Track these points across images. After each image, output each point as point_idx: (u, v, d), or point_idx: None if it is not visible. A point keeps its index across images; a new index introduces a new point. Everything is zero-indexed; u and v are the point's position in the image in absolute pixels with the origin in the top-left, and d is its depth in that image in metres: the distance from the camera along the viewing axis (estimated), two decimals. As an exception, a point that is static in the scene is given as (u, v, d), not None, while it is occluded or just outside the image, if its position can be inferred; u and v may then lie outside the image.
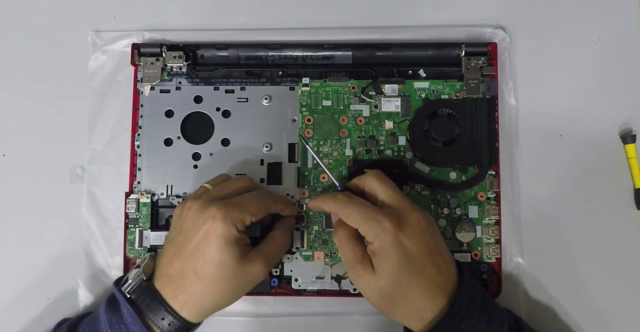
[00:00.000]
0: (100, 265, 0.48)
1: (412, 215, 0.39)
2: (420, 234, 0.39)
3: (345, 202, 0.40)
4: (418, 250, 0.38)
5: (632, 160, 0.48)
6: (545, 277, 0.47)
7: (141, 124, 0.49)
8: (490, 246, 0.46)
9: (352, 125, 0.48)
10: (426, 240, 0.39)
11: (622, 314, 0.47)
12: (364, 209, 0.39)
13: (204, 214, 0.39)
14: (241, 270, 0.40)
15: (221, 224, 0.39)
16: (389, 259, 0.38)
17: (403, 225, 0.39)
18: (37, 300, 0.48)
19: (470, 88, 0.48)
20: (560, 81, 0.49)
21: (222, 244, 0.39)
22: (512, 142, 0.48)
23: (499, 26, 0.50)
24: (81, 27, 0.51)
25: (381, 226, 0.38)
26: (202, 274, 0.39)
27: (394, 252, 0.38)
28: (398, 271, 0.38)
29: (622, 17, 0.50)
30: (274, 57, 0.50)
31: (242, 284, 0.40)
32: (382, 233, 0.38)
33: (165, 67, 0.49)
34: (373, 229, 0.39)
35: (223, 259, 0.39)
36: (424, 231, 0.39)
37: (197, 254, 0.39)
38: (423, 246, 0.39)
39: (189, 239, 0.39)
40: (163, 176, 0.48)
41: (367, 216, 0.39)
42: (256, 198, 0.42)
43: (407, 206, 0.40)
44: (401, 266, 0.38)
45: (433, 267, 0.39)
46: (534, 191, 0.48)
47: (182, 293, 0.39)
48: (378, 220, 0.38)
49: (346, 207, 0.40)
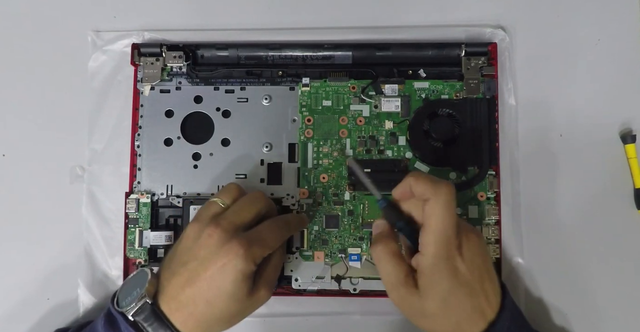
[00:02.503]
0: (100, 265, 0.48)
1: (472, 237, 0.38)
2: (477, 262, 0.38)
3: (446, 201, 0.37)
4: (471, 275, 0.37)
5: (632, 160, 0.48)
6: (545, 277, 0.47)
7: (141, 124, 0.49)
8: (490, 246, 0.46)
9: (352, 125, 0.48)
10: (479, 265, 0.38)
11: (622, 314, 0.47)
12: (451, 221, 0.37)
13: (226, 248, 0.38)
14: (250, 300, 0.40)
15: (242, 261, 0.38)
16: (441, 282, 0.37)
17: (462, 250, 0.37)
18: (37, 300, 0.48)
19: (470, 88, 0.48)
20: (560, 81, 0.49)
21: (239, 278, 0.38)
22: (512, 142, 0.48)
23: (499, 26, 0.50)
24: (81, 27, 0.51)
25: (446, 247, 0.37)
26: (214, 304, 0.38)
27: (447, 276, 0.37)
28: (448, 294, 0.37)
29: (622, 18, 0.50)
30: (274, 57, 0.50)
31: (248, 311, 0.41)
32: (442, 253, 0.37)
33: (165, 67, 0.49)
34: (438, 245, 0.37)
35: (236, 292, 0.38)
36: (479, 255, 0.38)
37: (212, 285, 0.38)
38: (476, 271, 0.37)
39: (206, 268, 0.38)
40: (163, 176, 0.48)
41: (447, 232, 0.37)
42: (275, 230, 0.41)
43: (467, 227, 0.39)
44: (452, 290, 0.37)
45: (482, 293, 0.38)
46: (534, 190, 0.48)
47: (192, 320, 0.38)
48: (449, 240, 0.37)
49: (442, 207, 0.37)
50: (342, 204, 0.47)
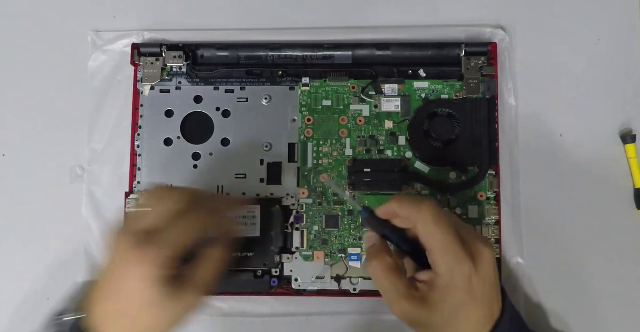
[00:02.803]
0: (100, 265, 0.48)
1: (485, 251, 0.37)
2: (489, 275, 0.37)
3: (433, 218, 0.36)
4: (483, 291, 0.37)
5: (632, 160, 0.48)
6: (545, 277, 0.47)
7: (141, 124, 0.49)
8: (490, 246, 0.46)
9: (352, 125, 0.48)
10: (491, 279, 0.37)
11: (623, 314, 0.47)
12: (447, 237, 0.36)
13: (124, 256, 0.36)
14: (172, 305, 0.36)
15: (140, 268, 0.35)
16: (454, 299, 0.36)
17: (477, 266, 0.36)
18: (37, 300, 0.48)
19: (470, 88, 0.48)
20: (560, 81, 0.49)
21: (145, 285, 0.35)
22: (512, 142, 0.48)
23: (499, 26, 0.50)
24: (81, 27, 0.51)
25: (459, 266, 0.36)
26: (133, 314, 0.36)
27: (461, 293, 0.36)
28: (459, 309, 0.36)
29: (622, 17, 0.50)
30: (274, 57, 0.50)
31: (176, 315, 0.37)
32: (457, 273, 0.36)
33: (165, 67, 0.49)
34: (450, 265, 0.36)
35: (150, 299, 0.36)
36: (492, 270, 0.37)
37: (123, 296, 0.36)
38: (488, 286, 0.37)
39: (110, 280, 0.37)
40: (163, 176, 0.48)
41: (450, 249, 0.36)
42: (182, 226, 0.37)
43: (476, 237, 0.38)
44: (463, 305, 0.36)
45: (487, 304, 0.37)
46: (534, 191, 0.48)
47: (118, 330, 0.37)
48: (458, 257, 0.36)
49: (433, 225, 0.36)
50: (342, 204, 0.47)
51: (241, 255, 0.46)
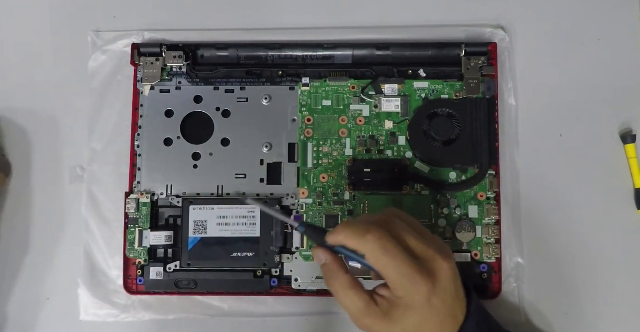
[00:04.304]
0: (100, 265, 0.48)
1: (443, 266, 0.37)
2: (449, 289, 0.37)
3: (380, 252, 0.36)
4: (443, 305, 0.37)
5: (632, 160, 0.48)
6: (545, 277, 0.47)
7: (141, 124, 0.49)
8: (490, 246, 0.46)
9: (352, 125, 0.48)
10: (452, 292, 0.37)
11: (623, 315, 0.47)
12: (399, 263, 0.36)
13: None
14: None
15: None
16: (414, 317, 0.36)
17: (435, 283, 0.36)
18: (37, 300, 0.48)
19: (470, 88, 0.48)
20: (560, 81, 0.49)
21: None
22: (512, 142, 0.48)
23: (499, 26, 0.50)
24: (81, 27, 0.51)
25: (416, 288, 0.36)
26: None
27: (421, 311, 0.36)
28: (418, 324, 0.37)
29: (622, 17, 0.50)
30: (274, 57, 0.50)
31: None
32: (415, 294, 0.36)
33: (165, 67, 0.49)
34: (406, 288, 0.36)
35: None
36: (452, 282, 0.37)
37: None
38: (449, 300, 0.37)
39: None
40: (163, 176, 0.48)
41: (402, 273, 0.36)
42: None
43: (434, 253, 0.37)
44: (423, 321, 0.36)
45: (449, 316, 0.37)
46: (534, 191, 0.48)
47: None
48: (414, 280, 0.36)
49: (381, 256, 0.36)
50: (342, 204, 0.47)
51: (241, 255, 0.46)
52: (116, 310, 0.47)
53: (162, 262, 0.47)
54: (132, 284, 0.47)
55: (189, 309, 0.47)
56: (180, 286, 0.47)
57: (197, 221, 0.47)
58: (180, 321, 0.47)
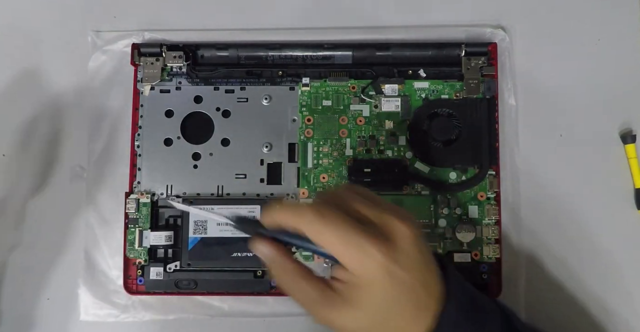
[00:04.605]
0: (100, 265, 0.48)
1: (401, 228, 0.32)
2: (412, 255, 0.32)
3: (317, 220, 0.31)
4: (409, 275, 0.31)
5: (632, 160, 0.48)
6: (545, 278, 0.47)
7: (141, 124, 0.49)
8: (490, 246, 0.46)
9: (352, 125, 0.48)
10: (418, 259, 0.32)
11: (623, 315, 0.47)
12: (343, 232, 0.31)
13: None
14: None
15: None
16: (376, 294, 0.31)
17: (393, 249, 0.31)
18: (37, 300, 0.48)
19: (470, 88, 0.48)
20: (560, 81, 0.49)
21: None
22: (512, 142, 0.48)
23: (499, 26, 0.50)
24: (81, 27, 0.51)
25: (368, 257, 0.31)
26: None
27: (383, 285, 0.31)
28: (385, 304, 0.32)
29: (622, 17, 0.50)
30: (274, 57, 0.50)
31: None
32: (369, 264, 0.31)
33: (165, 67, 0.49)
34: (358, 260, 0.31)
35: None
36: (415, 246, 0.32)
37: None
38: (415, 269, 0.32)
39: None
40: (163, 176, 0.48)
41: (349, 242, 0.31)
42: None
43: (389, 216, 0.32)
44: (389, 298, 0.31)
45: (422, 288, 0.32)
46: (534, 191, 0.48)
47: None
48: (363, 247, 0.31)
49: (321, 227, 0.31)
50: (342, 204, 0.47)
51: (241, 255, 0.46)
52: (116, 310, 0.47)
53: (162, 262, 0.47)
54: (132, 284, 0.47)
55: (189, 309, 0.47)
56: (180, 286, 0.47)
57: (197, 221, 0.47)
58: (180, 321, 0.47)
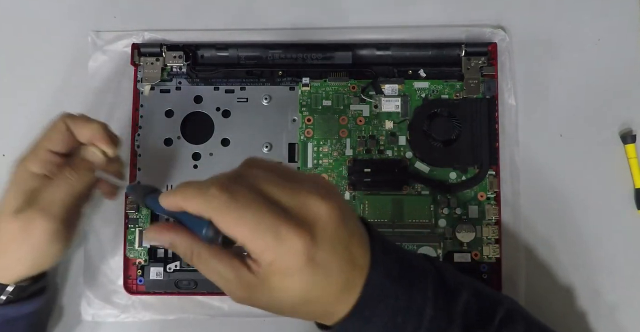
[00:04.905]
0: (100, 265, 0.48)
1: (320, 209, 0.29)
2: (337, 236, 0.29)
3: (227, 202, 0.28)
4: (336, 258, 0.29)
5: (632, 160, 0.48)
6: (545, 278, 0.47)
7: (141, 124, 0.49)
8: (490, 246, 0.46)
9: (352, 125, 0.48)
10: (344, 239, 0.30)
11: (623, 315, 0.47)
12: (255, 215, 0.28)
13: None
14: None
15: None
16: (298, 283, 0.29)
17: (314, 234, 0.28)
18: (37, 300, 0.48)
19: (470, 88, 0.48)
20: (560, 81, 0.49)
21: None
22: (512, 142, 0.48)
23: (499, 26, 0.50)
24: (81, 27, 0.51)
25: (287, 246, 0.28)
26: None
27: (305, 275, 0.29)
28: (309, 287, 0.29)
29: (622, 17, 0.50)
30: (274, 57, 0.50)
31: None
32: (287, 254, 0.28)
33: (165, 67, 0.49)
34: (273, 247, 0.28)
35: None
36: (340, 225, 0.29)
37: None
38: (339, 249, 0.29)
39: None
40: (163, 176, 0.48)
41: (262, 227, 0.28)
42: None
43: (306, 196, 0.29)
44: (312, 282, 0.29)
45: (348, 265, 0.30)
46: (534, 191, 0.48)
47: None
48: (281, 235, 0.28)
49: (230, 212, 0.28)
50: (342, 204, 0.47)
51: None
52: (116, 310, 0.47)
53: (162, 262, 0.47)
54: (132, 284, 0.47)
55: (189, 309, 0.47)
56: (180, 286, 0.47)
57: (197, 221, 0.47)
58: (180, 321, 0.47)
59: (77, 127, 0.40)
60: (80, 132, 0.40)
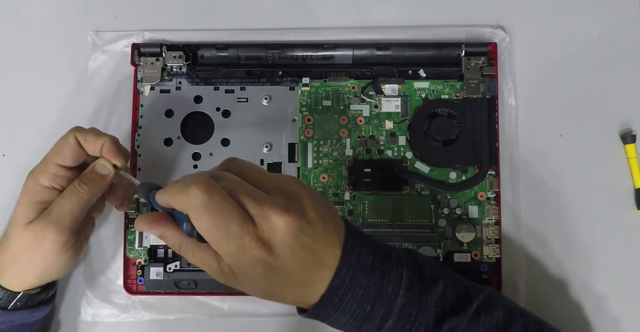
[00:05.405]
0: (100, 265, 0.48)
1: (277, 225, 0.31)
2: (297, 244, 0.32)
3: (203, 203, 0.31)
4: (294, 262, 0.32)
5: (632, 160, 0.48)
6: (545, 277, 0.47)
7: (141, 124, 0.49)
8: (490, 246, 0.46)
9: (352, 125, 0.48)
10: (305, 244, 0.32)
11: (623, 314, 0.47)
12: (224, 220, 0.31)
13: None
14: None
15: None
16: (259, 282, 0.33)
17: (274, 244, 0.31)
18: (37, 300, 0.48)
19: (470, 88, 0.48)
20: (560, 81, 0.49)
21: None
22: (512, 142, 0.48)
23: (499, 26, 0.50)
24: (81, 27, 0.51)
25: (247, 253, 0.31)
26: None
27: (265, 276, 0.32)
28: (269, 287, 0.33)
29: (622, 17, 0.50)
30: (274, 57, 0.50)
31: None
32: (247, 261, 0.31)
33: (165, 67, 0.49)
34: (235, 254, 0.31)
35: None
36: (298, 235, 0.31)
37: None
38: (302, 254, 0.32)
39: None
40: (163, 176, 0.48)
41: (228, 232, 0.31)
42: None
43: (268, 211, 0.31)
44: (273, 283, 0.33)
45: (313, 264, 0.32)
46: (534, 191, 0.48)
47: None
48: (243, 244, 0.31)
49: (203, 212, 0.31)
50: (342, 204, 0.47)
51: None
52: (116, 310, 0.47)
53: (162, 262, 0.47)
54: (132, 284, 0.47)
55: (189, 309, 0.47)
56: (180, 286, 0.47)
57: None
58: (180, 321, 0.47)
59: (87, 141, 0.41)
60: (90, 146, 0.41)
